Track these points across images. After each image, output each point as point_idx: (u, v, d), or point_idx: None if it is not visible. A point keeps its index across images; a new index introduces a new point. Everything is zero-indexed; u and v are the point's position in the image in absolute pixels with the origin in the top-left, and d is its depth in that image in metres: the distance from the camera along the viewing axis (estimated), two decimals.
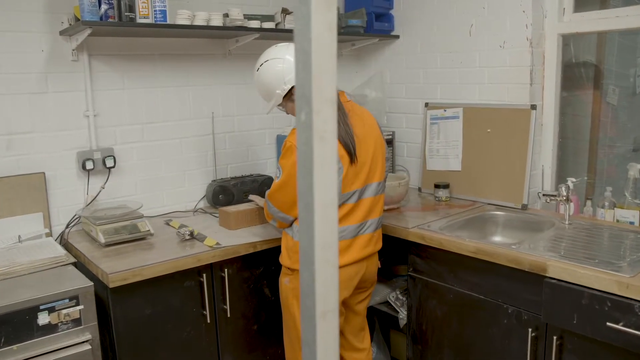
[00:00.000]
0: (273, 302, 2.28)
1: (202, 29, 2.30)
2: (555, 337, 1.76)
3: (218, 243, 2.11)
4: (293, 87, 1.91)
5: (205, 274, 2.06)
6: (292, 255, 1.98)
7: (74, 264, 2.02)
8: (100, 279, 1.89)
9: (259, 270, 2.23)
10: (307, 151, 0.66)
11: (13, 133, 2.17)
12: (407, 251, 2.27)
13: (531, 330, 1.84)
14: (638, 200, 2.22)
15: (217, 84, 2.73)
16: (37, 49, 2.19)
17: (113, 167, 2.39)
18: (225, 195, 2.63)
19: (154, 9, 2.09)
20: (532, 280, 1.83)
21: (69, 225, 2.31)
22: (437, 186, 2.72)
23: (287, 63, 1.95)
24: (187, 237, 2.16)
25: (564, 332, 1.76)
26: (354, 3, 3.03)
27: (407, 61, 3.04)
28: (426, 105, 2.93)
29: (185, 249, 2.07)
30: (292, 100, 1.99)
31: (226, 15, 2.43)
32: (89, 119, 2.33)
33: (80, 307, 1.78)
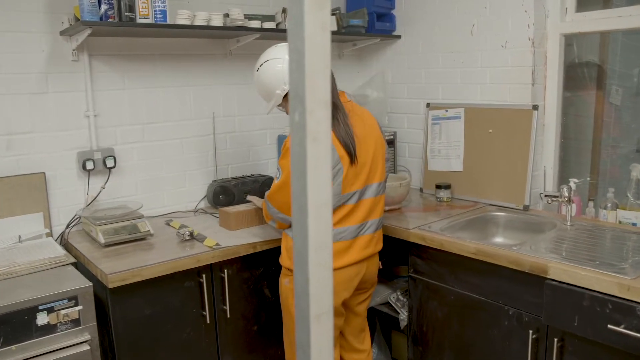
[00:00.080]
0: (273, 303, 2.28)
1: (202, 29, 2.29)
2: (556, 339, 1.75)
3: (218, 244, 2.10)
4: None
5: (205, 275, 2.05)
6: (292, 256, 1.97)
7: (74, 264, 2.02)
8: (99, 279, 1.89)
9: (259, 270, 2.22)
10: (301, 152, 0.66)
11: (13, 133, 2.17)
12: (408, 252, 2.26)
13: (532, 332, 1.82)
14: None
15: (218, 84, 2.72)
16: (38, 49, 2.19)
17: (113, 167, 2.39)
18: (226, 195, 2.63)
19: (154, 9, 2.09)
20: (533, 281, 1.82)
21: (69, 225, 2.31)
22: (438, 187, 2.71)
23: (287, 63, 1.94)
24: (187, 237, 2.15)
25: (565, 334, 1.74)
26: (356, 3, 3.02)
27: (409, 61, 3.03)
28: (428, 105, 2.92)
29: (185, 249, 2.06)
30: None
31: (227, 15, 2.43)
32: (89, 119, 2.33)
33: (79, 307, 1.77)
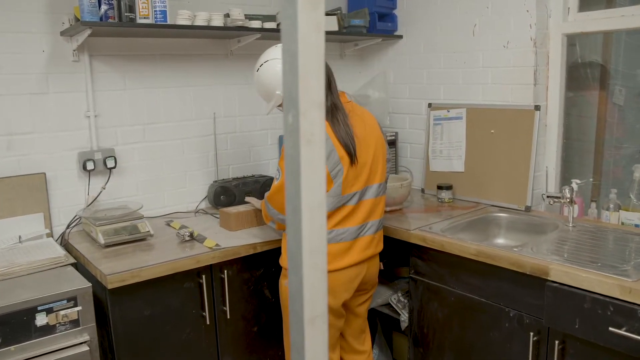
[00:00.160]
0: (273, 304, 2.27)
1: (202, 29, 2.29)
2: (557, 342, 1.74)
3: (218, 244, 2.10)
4: None
5: (205, 276, 2.05)
6: None
7: (74, 264, 2.02)
8: (99, 280, 1.89)
9: (259, 271, 2.21)
10: (294, 154, 0.66)
11: (14, 133, 2.17)
12: (409, 253, 2.25)
13: (533, 334, 1.81)
14: None
15: (219, 84, 2.72)
16: (38, 50, 2.19)
17: (114, 167, 2.39)
18: (227, 196, 2.63)
19: (154, 9, 2.09)
20: (534, 283, 1.80)
21: (69, 225, 2.31)
22: (440, 187, 2.70)
23: None
24: (186, 238, 2.15)
25: (566, 336, 1.73)
26: (357, 3, 3.01)
27: (411, 61, 3.02)
28: (429, 105, 2.91)
29: (185, 250, 2.06)
30: None
31: (227, 15, 2.42)
32: (89, 120, 2.33)
33: (79, 308, 1.77)
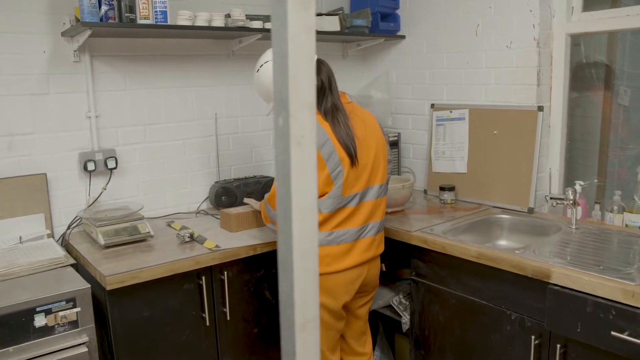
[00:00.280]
0: (274, 305, 2.26)
1: (203, 29, 2.28)
2: (559, 345, 1.72)
3: (217, 245, 2.09)
4: None
5: (205, 277, 2.04)
6: None
7: (74, 265, 2.02)
8: (98, 281, 1.88)
9: (260, 273, 2.21)
10: (285, 157, 0.65)
11: (15, 134, 2.17)
12: (410, 255, 2.24)
13: (534, 337, 1.79)
14: None
15: (221, 84, 2.71)
16: (39, 50, 2.19)
17: (115, 168, 2.38)
18: (228, 196, 2.62)
19: (154, 10, 2.08)
20: (535, 286, 1.79)
21: (70, 226, 2.31)
22: (442, 188, 2.68)
23: None
24: (187, 239, 2.14)
25: (568, 340, 1.71)
26: (359, 3, 3.00)
27: (413, 61, 3.00)
28: (432, 106, 2.89)
29: (185, 251, 2.05)
30: None
31: (228, 15, 2.41)
32: (90, 120, 2.33)
33: (77, 309, 1.77)
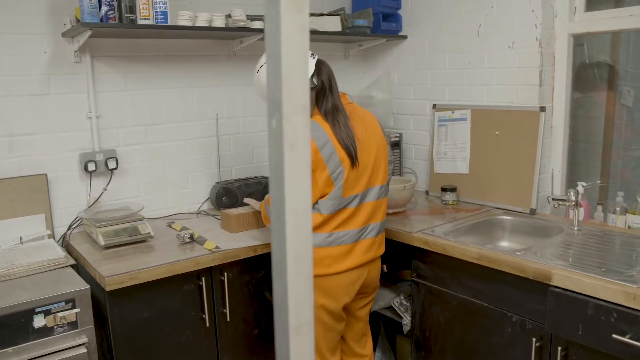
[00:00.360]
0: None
1: (203, 30, 2.27)
2: (560, 348, 1.70)
3: (217, 246, 2.09)
4: None
5: (205, 278, 2.04)
6: None
7: (74, 266, 2.01)
8: (98, 281, 1.88)
9: (260, 274, 2.20)
10: (278, 159, 0.65)
11: (15, 135, 2.17)
12: (411, 256, 2.23)
13: (535, 340, 1.78)
14: None
15: (222, 85, 2.71)
16: (40, 51, 2.19)
17: (115, 168, 2.38)
18: (229, 197, 2.61)
19: (154, 10, 2.08)
20: (536, 288, 1.77)
21: (71, 227, 2.31)
22: (444, 189, 2.67)
23: None
24: (187, 240, 2.14)
25: (569, 343, 1.70)
26: (361, 3, 2.99)
27: (415, 62, 2.99)
28: (434, 106, 2.88)
29: (185, 252, 2.05)
30: None
31: (229, 16, 2.41)
32: (91, 121, 2.33)
33: (77, 310, 1.77)
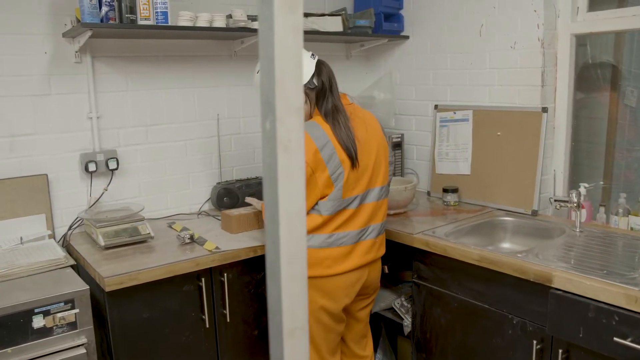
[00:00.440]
0: None
1: (204, 30, 2.27)
2: (560, 351, 1.69)
3: (217, 247, 2.08)
4: None
5: (205, 278, 2.03)
6: None
7: (75, 266, 2.01)
8: (97, 282, 1.88)
9: (260, 274, 2.19)
10: (272, 161, 0.64)
11: (16, 135, 2.18)
12: (412, 257, 2.22)
13: (536, 342, 1.77)
14: None
15: (223, 85, 2.70)
16: (40, 51, 2.19)
17: (116, 169, 2.38)
18: (230, 197, 2.61)
19: (155, 11, 2.07)
20: (537, 290, 1.76)
21: (71, 227, 2.31)
22: (445, 190, 2.66)
23: None
24: (187, 240, 2.13)
25: (570, 345, 1.68)
26: (363, 3, 2.98)
27: (417, 62, 2.98)
28: (436, 107, 2.87)
29: (185, 252, 2.04)
30: None
31: (229, 16, 2.40)
32: (92, 121, 2.33)
33: (76, 310, 1.76)
